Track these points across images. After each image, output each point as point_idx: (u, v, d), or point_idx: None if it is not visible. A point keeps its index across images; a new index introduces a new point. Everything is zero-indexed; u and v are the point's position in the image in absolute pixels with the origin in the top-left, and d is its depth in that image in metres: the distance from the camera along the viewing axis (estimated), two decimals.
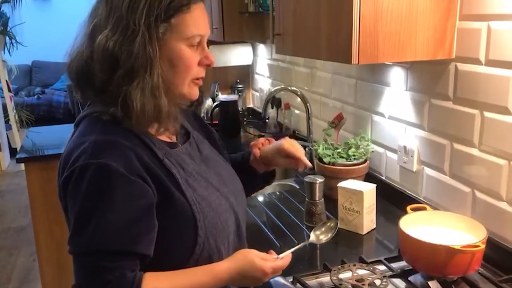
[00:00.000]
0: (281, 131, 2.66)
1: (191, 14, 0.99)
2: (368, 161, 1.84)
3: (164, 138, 1.07)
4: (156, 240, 0.98)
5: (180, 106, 1.07)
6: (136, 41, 0.94)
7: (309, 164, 1.30)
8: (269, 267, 1.07)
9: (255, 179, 1.35)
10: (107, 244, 0.92)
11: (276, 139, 1.34)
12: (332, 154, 1.84)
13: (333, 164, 1.81)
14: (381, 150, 1.87)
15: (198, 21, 1.01)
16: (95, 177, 0.91)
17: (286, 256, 1.13)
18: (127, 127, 0.98)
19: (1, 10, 5.87)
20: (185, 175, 1.04)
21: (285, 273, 1.24)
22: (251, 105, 3.55)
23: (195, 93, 1.07)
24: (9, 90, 5.92)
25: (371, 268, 1.25)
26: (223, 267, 1.04)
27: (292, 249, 1.16)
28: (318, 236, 1.30)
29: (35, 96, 7.22)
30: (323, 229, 1.31)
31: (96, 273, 0.93)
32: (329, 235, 1.29)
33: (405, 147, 1.69)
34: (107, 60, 0.95)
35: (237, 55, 3.29)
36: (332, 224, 1.32)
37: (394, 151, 1.77)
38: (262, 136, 2.41)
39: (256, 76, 3.41)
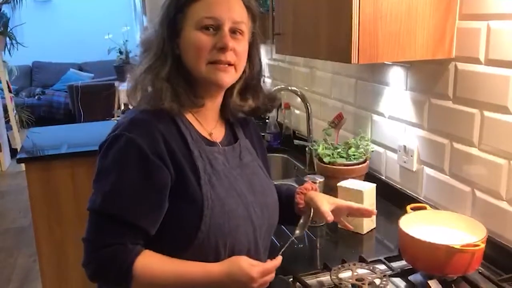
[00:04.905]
0: (281, 131, 2.66)
1: (204, 1, 1.07)
2: (368, 161, 1.84)
3: (206, 135, 1.15)
4: (161, 221, 1.04)
5: (216, 99, 1.16)
6: (159, 34, 1.10)
7: (374, 211, 1.39)
8: (256, 271, 1.06)
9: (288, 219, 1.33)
10: (117, 211, 1.01)
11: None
12: (332, 154, 1.84)
13: (333, 164, 1.81)
14: (381, 149, 1.87)
15: (211, 5, 1.07)
16: (121, 147, 1.03)
17: (274, 259, 1.11)
18: (171, 116, 1.08)
19: (2, 10, 5.86)
20: (211, 171, 1.09)
21: (285, 272, 1.25)
22: None
23: (216, 77, 1.09)
24: (10, 91, 5.92)
25: (371, 268, 1.25)
26: (216, 268, 1.06)
27: (281, 251, 1.14)
28: (301, 227, 1.27)
29: (36, 97, 7.22)
30: (301, 221, 1.29)
31: (100, 234, 1.02)
32: (308, 224, 1.27)
33: (405, 146, 1.69)
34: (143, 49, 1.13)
35: None
36: (307, 215, 1.28)
37: (394, 150, 1.77)
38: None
39: None
